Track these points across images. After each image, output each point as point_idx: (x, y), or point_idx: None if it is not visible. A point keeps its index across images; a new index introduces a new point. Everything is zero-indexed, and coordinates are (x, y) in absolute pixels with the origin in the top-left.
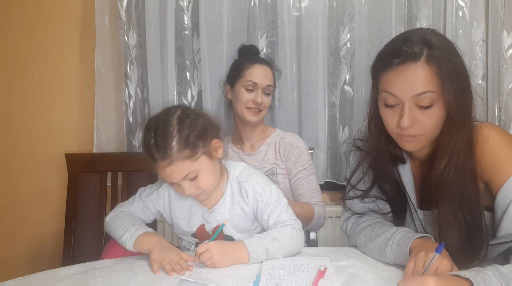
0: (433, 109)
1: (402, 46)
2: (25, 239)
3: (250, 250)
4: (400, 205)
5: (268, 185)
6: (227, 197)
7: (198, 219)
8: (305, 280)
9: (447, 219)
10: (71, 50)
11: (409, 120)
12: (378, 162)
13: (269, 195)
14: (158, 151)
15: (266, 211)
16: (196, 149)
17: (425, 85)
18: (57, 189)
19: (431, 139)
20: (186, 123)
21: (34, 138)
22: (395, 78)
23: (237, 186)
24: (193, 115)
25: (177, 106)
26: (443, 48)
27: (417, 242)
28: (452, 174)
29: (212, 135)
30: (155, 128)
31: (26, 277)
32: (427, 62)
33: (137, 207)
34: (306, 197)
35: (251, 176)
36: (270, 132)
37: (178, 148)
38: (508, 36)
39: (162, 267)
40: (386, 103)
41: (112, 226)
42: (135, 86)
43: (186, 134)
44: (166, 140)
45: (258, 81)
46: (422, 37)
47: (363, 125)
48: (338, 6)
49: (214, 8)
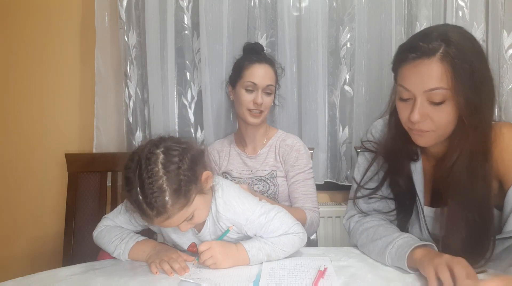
0: (445, 106)
1: (419, 41)
2: (25, 239)
3: (251, 256)
4: (407, 202)
5: (252, 211)
6: (209, 222)
7: (188, 238)
8: (305, 280)
9: (454, 217)
10: (71, 50)
11: (420, 115)
12: (394, 155)
13: (257, 221)
14: (152, 209)
15: (260, 233)
16: (189, 194)
17: (437, 81)
18: (57, 189)
19: (443, 136)
20: (174, 170)
21: (34, 138)
22: (409, 72)
23: (215, 216)
24: (178, 154)
25: (154, 145)
26: (461, 47)
27: (423, 252)
28: (462, 173)
29: (200, 169)
30: (140, 183)
31: (26, 277)
32: (442, 59)
33: (123, 219)
34: (300, 201)
35: (230, 207)
36: (272, 134)
37: (173, 202)
38: (508, 36)
39: (161, 267)
40: (401, 96)
41: (100, 243)
42: (135, 86)
43: (177, 183)
44: (157, 196)
45: (258, 81)
46: (443, 33)
47: (373, 127)
48: (338, 6)
49: (214, 8)
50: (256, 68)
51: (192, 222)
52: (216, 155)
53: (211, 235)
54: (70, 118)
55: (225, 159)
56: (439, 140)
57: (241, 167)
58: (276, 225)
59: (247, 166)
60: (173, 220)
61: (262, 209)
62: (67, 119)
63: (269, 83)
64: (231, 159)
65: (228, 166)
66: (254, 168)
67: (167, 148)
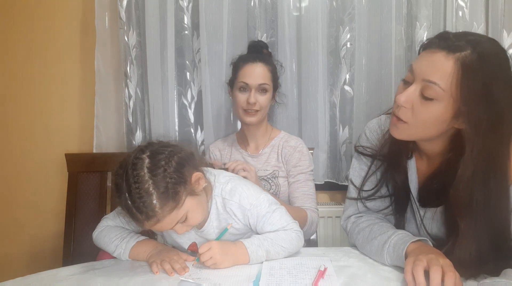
0: (433, 104)
1: (452, 35)
2: (25, 239)
3: (251, 252)
4: (403, 200)
5: (256, 197)
6: (212, 216)
7: (189, 237)
8: (305, 280)
9: (466, 239)
10: (71, 50)
11: (405, 99)
12: (394, 151)
13: (259, 208)
14: (141, 213)
15: (260, 224)
16: (178, 197)
17: (439, 77)
18: (57, 189)
19: (417, 136)
20: (160, 173)
21: (34, 138)
22: (424, 57)
23: (221, 203)
24: (164, 158)
25: (141, 150)
26: (484, 61)
27: (414, 246)
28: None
29: (189, 170)
30: (127, 188)
31: (26, 277)
32: (458, 60)
33: (123, 219)
34: (300, 201)
35: (236, 191)
36: (275, 135)
37: (161, 204)
38: (508, 36)
39: (161, 267)
40: (405, 78)
41: (101, 243)
42: (135, 86)
43: (164, 186)
44: (145, 200)
45: (250, 81)
46: (477, 40)
47: (367, 127)
48: (338, 6)
49: (214, 8)
50: (248, 68)
51: (187, 224)
52: (218, 154)
53: (214, 229)
54: (70, 118)
55: (227, 158)
56: (413, 137)
57: None
58: (276, 218)
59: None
60: (163, 223)
61: (266, 197)
62: (67, 119)
63: (262, 82)
64: (233, 158)
65: None
66: (256, 168)
67: (153, 152)
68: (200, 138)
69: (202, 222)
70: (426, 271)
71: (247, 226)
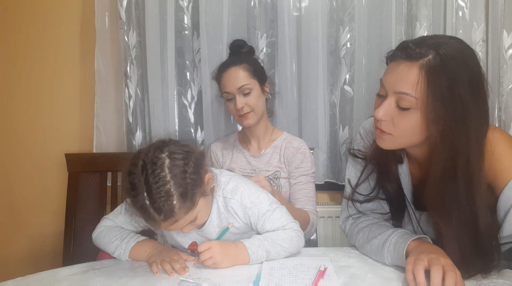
0: (410, 113)
1: (412, 43)
2: (25, 239)
3: (251, 253)
4: (399, 205)
5: (257, 196)
6: (213, 215)
7: (190, 237)
8: (305, 280)
9: (448, 237)
10: (71, 50)
11: (383, 114)
12: (381, 158)
13: (260, 206)
14: (159, 213)
15: (260, 222)
16: (195, 198)
17: (409, 87)
18: (57, 189)
19: (404, 144)
20: (180, 173)
21: (34, 138)
22: (390, 69)
23: (223, 202)
24: (182, 158)
25: (158, 149)
26: (448, 62)
27: (414, 244)
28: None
29: (203, 172)
30: (147, 188)
31: (26, 277)
32: (422, 66)
33: (123, 219)
34: (301, 202)
35: (237, 190)
36: (277, 135)
37: (180, 206)
38: (508, 36)
39: (162, 267)
40: (379, 92)
41: (100, 244)
42: (135, 86)
43: (184, 187)
44: (165, 201)
45: (229, 89)
46: (438, 43)
47: (362, 127)
48: (338, 6)
49: (214, 8)
50: (225, 76)
51: (194, 223)
52: (219, 153)
53: (215, 229)
54: (70, 118)
55: (228, 157)
56: (400, 146)
57: (244, 166)
58: (276, 217)
59: (251, 165)
60: (179, 223)
61: (266, 196)
62: (67, 119)
63: (240, 84)
64: (234, 157)
65: (231, 164)
66: (257, 168)
67: (171, 152)
68: (200, 138)
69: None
70: (427, 270)
71: (248, 225)
